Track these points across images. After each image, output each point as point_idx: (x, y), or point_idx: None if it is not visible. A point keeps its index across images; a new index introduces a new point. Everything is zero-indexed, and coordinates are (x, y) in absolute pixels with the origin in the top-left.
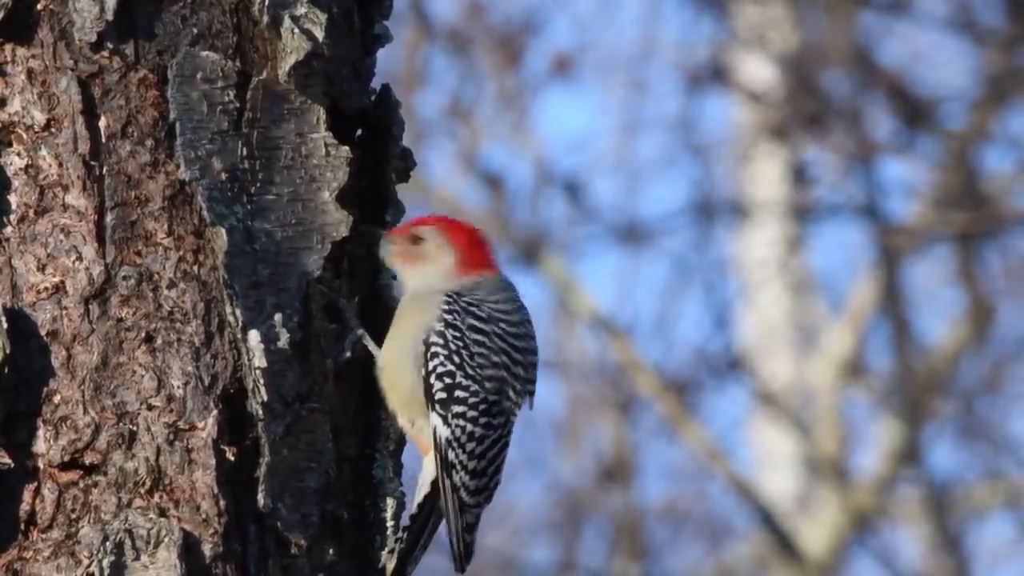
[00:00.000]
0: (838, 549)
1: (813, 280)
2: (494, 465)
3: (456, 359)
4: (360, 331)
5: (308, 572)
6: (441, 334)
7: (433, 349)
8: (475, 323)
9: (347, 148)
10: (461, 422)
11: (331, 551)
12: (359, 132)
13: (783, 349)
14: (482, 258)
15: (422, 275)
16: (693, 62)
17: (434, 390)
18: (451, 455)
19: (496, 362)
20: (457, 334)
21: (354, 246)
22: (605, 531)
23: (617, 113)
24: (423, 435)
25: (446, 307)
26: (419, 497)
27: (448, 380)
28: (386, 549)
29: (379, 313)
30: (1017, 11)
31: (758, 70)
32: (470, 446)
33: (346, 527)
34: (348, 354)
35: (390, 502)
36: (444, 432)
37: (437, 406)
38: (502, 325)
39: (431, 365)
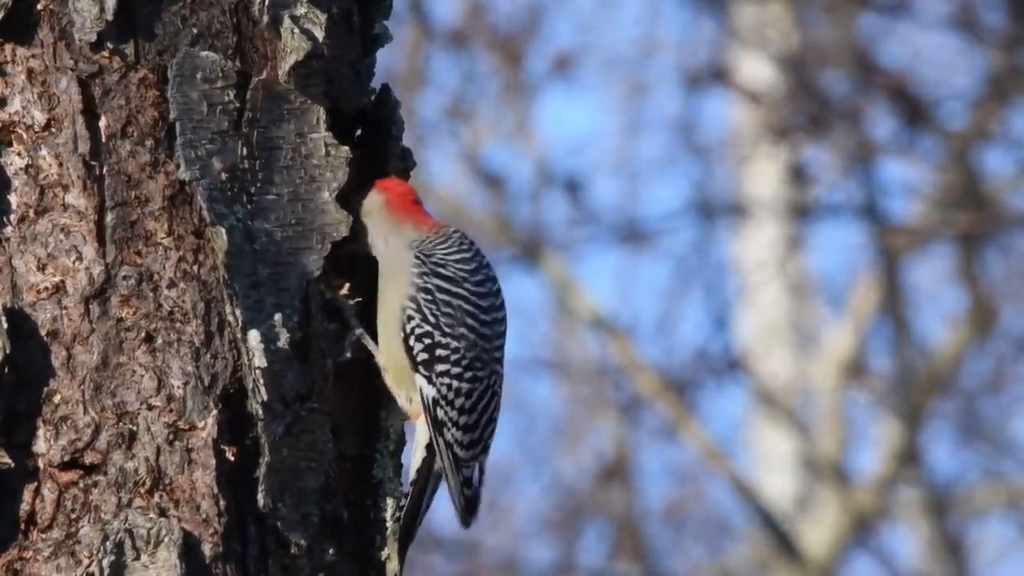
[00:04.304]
0: (838, 550)
1: (813, 280)
2: (486, 416)
3: (432, 319)
4: (359, 331)
5: (308, 572)
6: (414, 298)
7: (408, 312)
8: (442, 284)
9: (347, 148)
10: (446, 380)
11: (331, 551)
12: (359, 132)
13: (783, 349)
14: (406, 192)
15: (370, 229)
16: (693, 62)
17: (415, 352)
18: (440, 413)
19: (466, 323)
20: (428, 296)
21: (354, 246)
22: (605, 531)
23: (617, 113)
24: (421, 407)
25: (416, 270)
26: (416, 462)
27: (427, 341)
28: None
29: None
30: (1017, 11)
31: (758, 70)
32: (459, 401)
33: (346, 527)
34: (348, 354)
35: (390, 502)
36: (430, 392)
37: (420, 367)
38: (467, 286)
39: (409, 328)
